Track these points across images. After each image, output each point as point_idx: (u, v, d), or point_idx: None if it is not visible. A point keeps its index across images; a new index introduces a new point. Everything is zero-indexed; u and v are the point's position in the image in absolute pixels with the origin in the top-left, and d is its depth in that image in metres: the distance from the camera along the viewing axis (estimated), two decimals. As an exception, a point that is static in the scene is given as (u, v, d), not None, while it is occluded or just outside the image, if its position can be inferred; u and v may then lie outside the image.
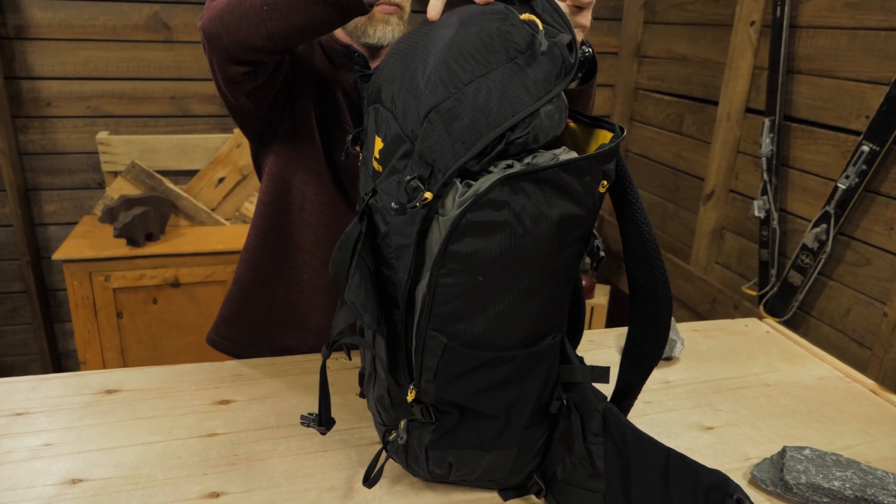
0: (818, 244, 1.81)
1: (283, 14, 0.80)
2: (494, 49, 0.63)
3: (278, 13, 0.80)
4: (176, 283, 2.21)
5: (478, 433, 0.72)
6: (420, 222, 0.64)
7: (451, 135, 0.62)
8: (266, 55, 0.86)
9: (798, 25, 1.91)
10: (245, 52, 0.85)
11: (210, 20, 0.85)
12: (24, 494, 0.76)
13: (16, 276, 2.49)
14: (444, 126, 0.62)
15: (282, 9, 0.79)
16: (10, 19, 2.22)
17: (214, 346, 1.17)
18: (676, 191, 2.55)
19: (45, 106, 2.33)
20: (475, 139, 0.61)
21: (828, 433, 0.95)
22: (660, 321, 0.72)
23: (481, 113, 0.61)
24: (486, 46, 0.63)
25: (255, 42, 0.83)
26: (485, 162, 0.63)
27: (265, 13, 0.80)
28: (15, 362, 2.60)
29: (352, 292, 0.69)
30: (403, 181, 0.65)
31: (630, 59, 2.77)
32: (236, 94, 0.95)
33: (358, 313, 0.68)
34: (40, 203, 2.44)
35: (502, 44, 0.63)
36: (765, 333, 1.26)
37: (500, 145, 0.62)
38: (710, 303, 2.30)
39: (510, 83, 0.62)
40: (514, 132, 0.62)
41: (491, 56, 0.63)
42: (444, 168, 0.62)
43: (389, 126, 0.67)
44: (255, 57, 0.86)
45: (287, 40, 0.83)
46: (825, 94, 1.83)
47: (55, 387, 0.98)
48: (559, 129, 0.67)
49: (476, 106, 0.61)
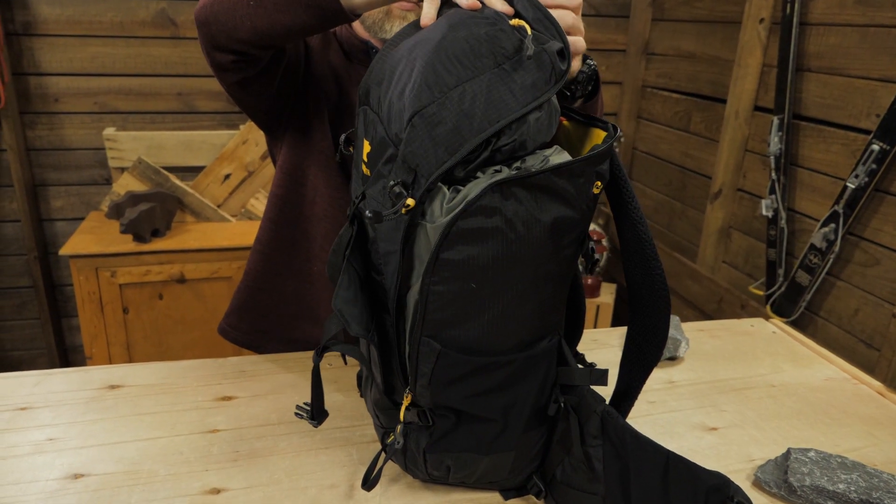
0: (826, 244, 1.80)
1: (269, 12, 0.80)
2: (481, 54, 0.62)
3: (263, 10, 0.81)
4: (182, 279, 2.21)
5: (475, 436, 0.72)
6: (404, 229, 0.63)
7: (435, 140, 0.60)
8: (252, 48, 0.87)
9: (808, 23, 1.89)
10: (231, 42, 0.86)
11: (202, 7, 0.86)
12: (27, 489, 0.77)
13: (24, 271, 2.50)
14: (427, 131, 0.61)
15: (267, 6, 0.80)
16: (18, 15, 2.22)
17: (225, 335, 1.17)
18: (684, 189, 2.54)
19: (52, 102, 2.34)
20: (459, 144, 0.60)
21: (833, 435, 0.94)
22: (658, 321, 0.71)
23: (465, 118, 0.60)
24: (474, 51, 0.62)
25: (240, 34, 0.84)
26: (471, 169, 0.62)
27: (251, 8, 0.81)
28: (23, 357, 2.62)
29: (339, 299, 0.68)
30: (387, 186, 0.64)
31: (638, 56, 2.75)
32: (225, 80, 0.96)
33: (345, 321, 0.68)
34: (48, 199, 2.45)
35: (490, 49, 0.62)
36: (771, 334, 1.25)
37: (486, 152, 0.61)
38: (716, 302, 2.29)
39: (496, 88, 0.61)
40: (500, 139, 0.61)
41: (478, 61, 0.61)
42: (428, 174, 0.61)
43: (376, 129, 0.66)
44: (241, 48, 0.87)
45: (272, 38, 0.84)
46: (835, 93, 1.81)
47: (59, 382, 0.98)
48: (549, 136, 0.66)
49: (461, 111, 0.60)
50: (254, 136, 2.40)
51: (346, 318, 0.68)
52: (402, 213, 0.62)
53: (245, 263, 1.65)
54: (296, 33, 0.83)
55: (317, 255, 1.11)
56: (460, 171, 0.62)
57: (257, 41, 0.84)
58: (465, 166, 0.62)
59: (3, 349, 2.59)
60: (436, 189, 0.63)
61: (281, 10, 0.80)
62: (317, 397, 0.77)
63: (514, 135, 0.62)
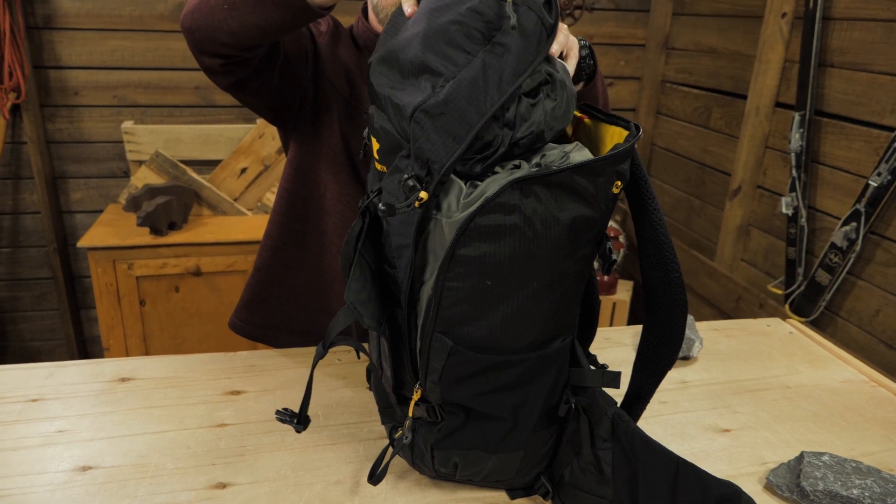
0: (847, 243, 1.76)
1: (242, 14, 0.83)
2: (470, 36, 0.61)
3: (237, 13, 0.83)
4: (198, 272, 2.23)
5: (483, 434, 0.71)
6: (417, 222, 0.63)
7: (441, 131, 0.60)
8: (235, 50, 0.89)
9: (832, 17, 1.85)
10: (215, 46, 0.88)
11: (185, 14, 0.89)
12: (36, 480, 0.77)
13: (43, 262, 2.53)
14: (431, 123, 0.60)
15: (240, 8, 0.82)
16: (38, 9, 2.25)
17: (235, 330, 1.18)
18: (703, 186, 2.50)
19: (72, 95, 2.36)
20: (465, 132, 0.60)
21: (849, 439, 0.92)
22: (674, 324, 0.70)
23: (466, 103, 0.60)
24: (462, 34, 0.61)
25: (221, 38, 0.86)
26: (489, 164, 0.61)
27: (226, 12, 0.83)
28: (42, 347, 2.66)
29: (352, 292, 0.68)
30: (402, 180, 0.63)
31: (657, 51, 2.72)
32: (218, 83, 0.97)
33: (358, 313, 0.68)
34: (67, 191, 2.47)
35: (476, 27, 0.61)
36: (787, 334, 1.23)
37: (503, 147, 0.61)
38: (734, 301, 2.26)
39: (491, 67, 0.60)
40: (517, 132, 0.61)
41: (467, 45, 0.61)
42: (440, 165, 0.61)
43: (384, 126, 0.66)
44: (224, 51, 0.89)
45: (250, 38, 0.86)
46: (858, 89, 1.77)
47: (70, 374, 0.99)
48: (565, 123, 0.65)
49: (459, 97, 0.60)
50: (270, 130, 2.41)
51: (359, 311, 0.68)
52: (416, 207, 0.61)
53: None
54: (271, 32, 0.85)
55: (326, 248, 1.11)
56: (478, 167, 0.61)
57: (237, 43, 0.86)
58: (484, 161, 0.61)
59: (24, 339, 2.63)
60: (451, 183, 0.62)
61: (253, 11, 0.82)
62: (306, 401, 0.77)
63: (532, 126, 0.61)
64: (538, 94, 0.64)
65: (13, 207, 2.45)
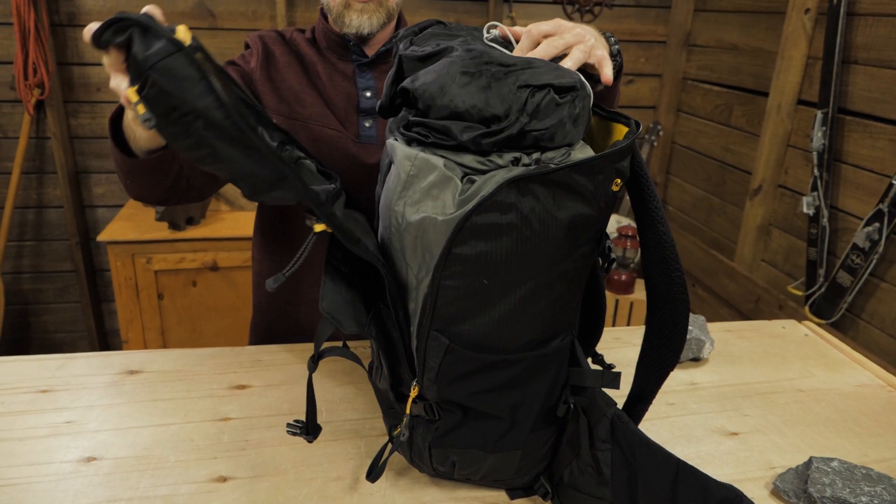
0: (870, 244, 1.72)
1: (129, 187, 0.94)
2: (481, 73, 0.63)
3: (126, 186, 0.94)
4: (215, 267, 2.25)
5: (481, 433, 0.70)
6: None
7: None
8: (161, 202, 0.99)
9: (856, 13, 1.81)
10: (149, 203, 1.00)
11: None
12: (41, 470, 0.78)
13: (66, 255, 2.57)
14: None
15: (125, 183, 0.93)
16: (62, 7, 2.28)
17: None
18: (723, 185, 2.47)
19: (94, 91, 2.40)
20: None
21: (861, 444, 0.90)
22: (676, 325, 0.68)
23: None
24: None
25: (144, 200, 0.98)
26: (497, 140, 0.60)
27: (122, 180, 0.94)
28: (64, 339, 2.70)
29: (326, 301, 0.67)
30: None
31: (678, 48, 2.68)
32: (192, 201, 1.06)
33: (336, 321, 0.67)
34: (89, 185, 2.51)
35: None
36: (803, 336, 1.20)
37: (516, 126, 0.59)
38: (753, 302, 2.22)
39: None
40: (532, 122, 0.60)
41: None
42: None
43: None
44: (157, 203, 1.00)
45: (147, 198, 0.97)
46: (883, 86, 1.73)
47: (81, 366, 1.01)
48: (576, 139, 0.64)
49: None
50: (288, 126, 2.42)
51: (337, 319, 0.67)
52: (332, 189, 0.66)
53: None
54: (154, 186, 0.93)
55: (317, 266, 1.14)
56: (484, 141, 0.60)
57: (152, 199, 0.97)
58: (488, 137, 0.60)
59: (47, 331, 2.68)
60: (447, 180, 0.61)
61: (128, 182, 0.93)
62: (311, 412, 0.77)
63: (551, 120, 0.60)
64: (566, 96, 0.62)
65: (37, 202, 2.49)
